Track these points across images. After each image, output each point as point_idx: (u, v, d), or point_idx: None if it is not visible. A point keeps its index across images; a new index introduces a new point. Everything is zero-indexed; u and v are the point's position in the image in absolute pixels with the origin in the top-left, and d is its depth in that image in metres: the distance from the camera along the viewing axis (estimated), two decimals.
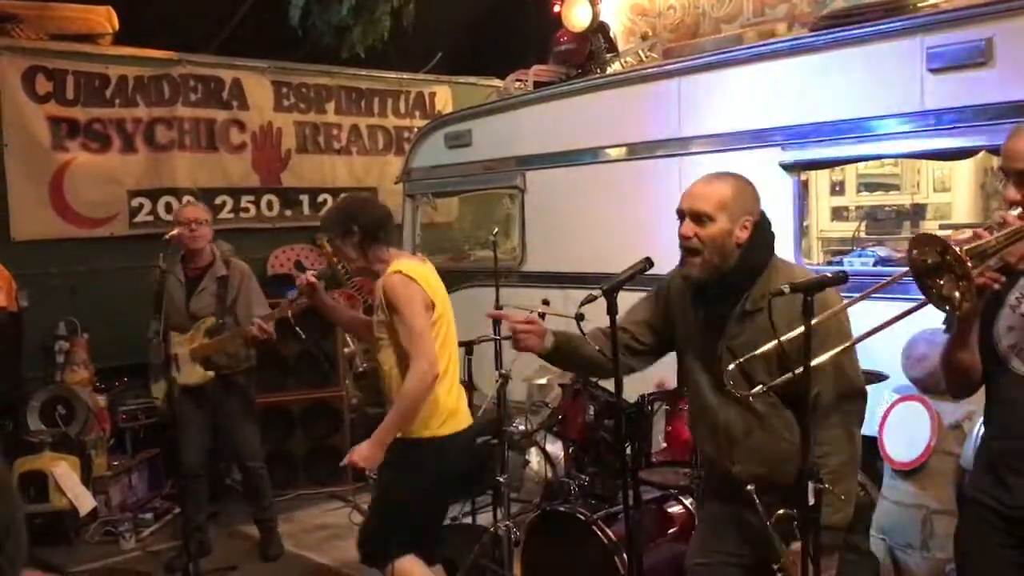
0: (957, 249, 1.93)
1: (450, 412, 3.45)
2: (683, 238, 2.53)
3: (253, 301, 5.01)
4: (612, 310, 2.52)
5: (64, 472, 5.34)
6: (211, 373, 4.92)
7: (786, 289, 2.17)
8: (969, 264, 1.92)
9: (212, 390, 4.97)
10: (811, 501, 2.13)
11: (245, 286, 5.05)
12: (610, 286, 2.53)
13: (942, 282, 1.99)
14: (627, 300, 2.73)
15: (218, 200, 6.91)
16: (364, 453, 3.32)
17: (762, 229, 2.56)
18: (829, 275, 2.25)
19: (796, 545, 2.29)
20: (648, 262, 2.64)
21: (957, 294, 1.96)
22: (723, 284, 2.53)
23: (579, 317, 2.51)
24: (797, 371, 2.22)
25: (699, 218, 2.50)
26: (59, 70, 6.20)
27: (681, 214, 2.55)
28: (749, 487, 2.40)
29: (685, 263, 2.56)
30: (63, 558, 5.14)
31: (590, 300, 2.49)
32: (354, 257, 3.52)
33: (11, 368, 5.56)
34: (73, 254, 6.26)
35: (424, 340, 3.29)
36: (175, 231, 4.87)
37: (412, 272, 3.35)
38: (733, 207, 2.50)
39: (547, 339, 2.65)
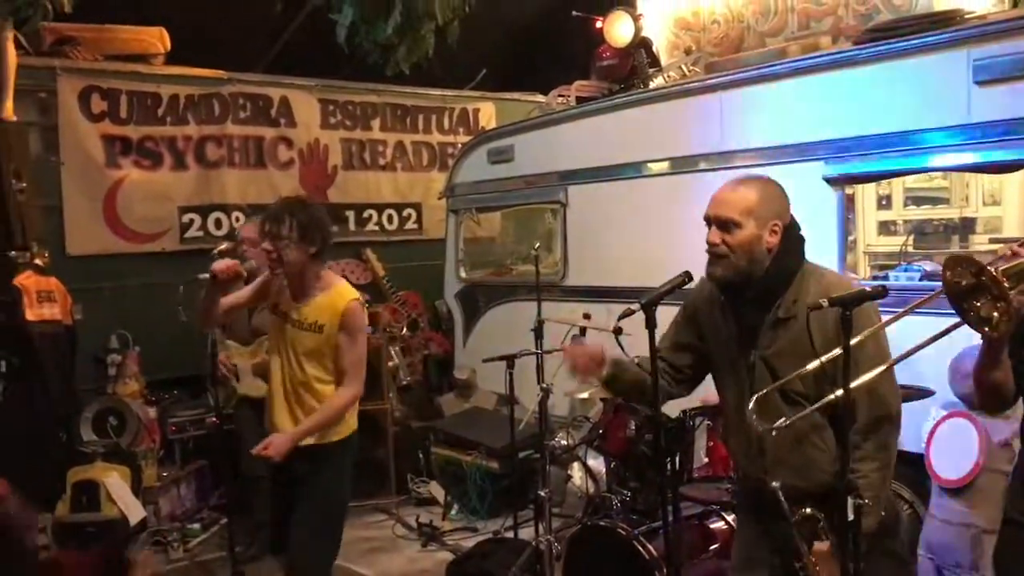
0: (993, 270, 1.91)
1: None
2: (711, 244, 2.51)
3: None
4: (651, 324, 2.53)
5: (115, 482, 5.44)
6: None
7: (824, 303, 2.16)
8: (1006, 284, 1.89)
9: None
10: (850, 516, 2.11)
11: None
12: (648, 300, 2.53)
13: (979, 303, 1.96)
14: (666, 314, 2.73)
15: None
16: (280, 447, 3.44)
17: (792, 234, 2.54)
18: (868, 288, 2.23)
19: (820, 546, 2.27)
20: (687, 276, 2.64)
21: (995, 315, 1.93)
22: (755, 291, 2.51)
23: (617, 331, 2.52)
24: (837, 393, 2.20)
25: (725, 225, 2.48)
26: (113, 90, 6.36)
27: (708, 220, 2.54)
28: (774, 484, 2.39)
29: (711, 264, 2.54)
30: None
31: (628, 314, 2.50)
32: (294, 262, 3.45)
33: (66, 380, 5.70)
34: (125, 269, 6.41)
35: (362, 368, 3.59)
36: (223, 245, 4.97)
37: (361, 300, 3.62)
38: (760, 212, 2.47)
39: (605, 369, 2.69)
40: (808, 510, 2.35)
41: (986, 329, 1.98)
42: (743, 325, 2.56)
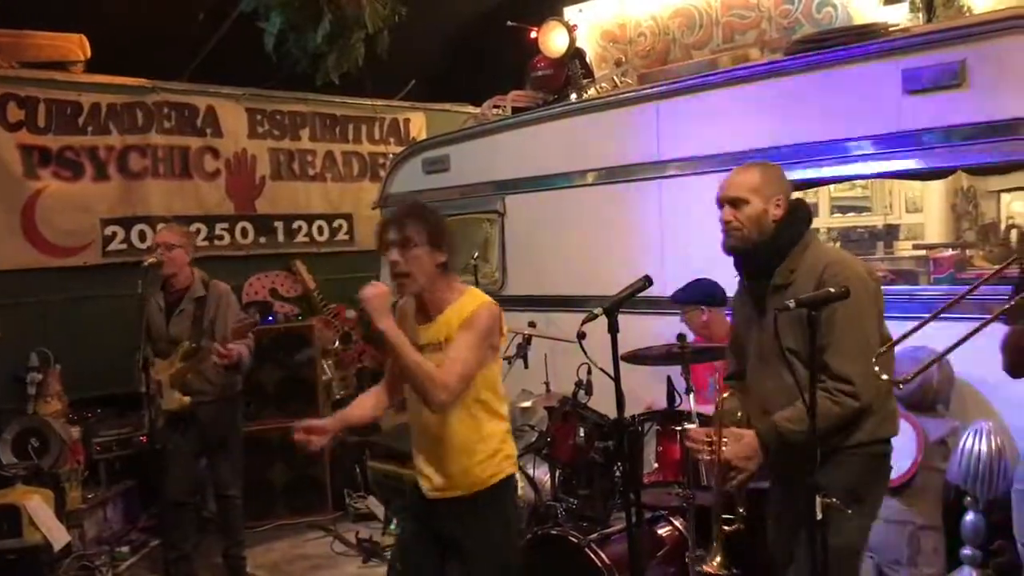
0: None
1: None
2: (725, 222, 2.87)
3: (230, 323, 4.85)
4: (613, 328, 2.53)
5: (37, 506, 5.20)
6: (188, 399, 4.81)
7: (791, 305, 2.21)
8: None
9: (198, 417, 4.87)
10: (819, 515, 2.15)
11: (223, 307, 4.93)
12: (611, 304, 2.55)
13: None
14: (626, 321, 2.73)
15: (192, 227, 6.82)
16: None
17: (797, 210, 2.88)
18: (833, 291, 2.29)
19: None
20: (647, 280, 2.68)
21: None
22: (758, 259, 2.82)
23: (581, 336, 2.52)
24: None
25: (735, 202, 2.84)
26: (31, 98, 6.12)
27: (720, 202, 2.90)
28: None
29: (726, 237, 2.88)
30: None
31: (591, 319, 2.51)
32: (424, 273, 2.90)
33: None
34: (46, 283, 6.15)
35: (464, 370, 2.87)
36: (152, 258, 4.83)
37: (497, 306, 3.01)
38: (763, 189, 2.84)
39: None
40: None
41: None
42: (755, 295, 2.86)
